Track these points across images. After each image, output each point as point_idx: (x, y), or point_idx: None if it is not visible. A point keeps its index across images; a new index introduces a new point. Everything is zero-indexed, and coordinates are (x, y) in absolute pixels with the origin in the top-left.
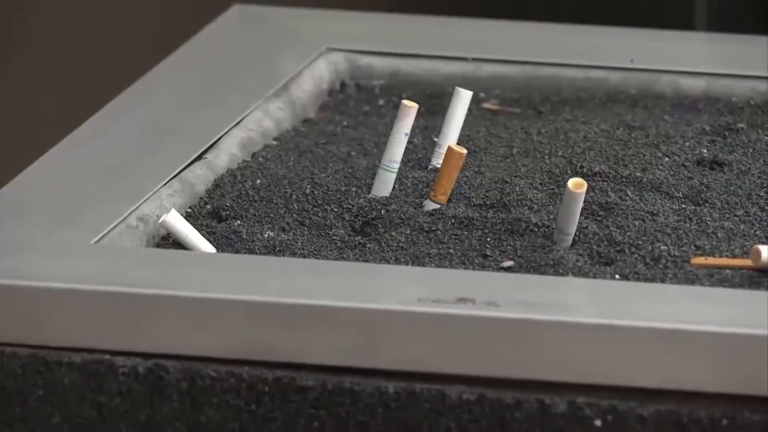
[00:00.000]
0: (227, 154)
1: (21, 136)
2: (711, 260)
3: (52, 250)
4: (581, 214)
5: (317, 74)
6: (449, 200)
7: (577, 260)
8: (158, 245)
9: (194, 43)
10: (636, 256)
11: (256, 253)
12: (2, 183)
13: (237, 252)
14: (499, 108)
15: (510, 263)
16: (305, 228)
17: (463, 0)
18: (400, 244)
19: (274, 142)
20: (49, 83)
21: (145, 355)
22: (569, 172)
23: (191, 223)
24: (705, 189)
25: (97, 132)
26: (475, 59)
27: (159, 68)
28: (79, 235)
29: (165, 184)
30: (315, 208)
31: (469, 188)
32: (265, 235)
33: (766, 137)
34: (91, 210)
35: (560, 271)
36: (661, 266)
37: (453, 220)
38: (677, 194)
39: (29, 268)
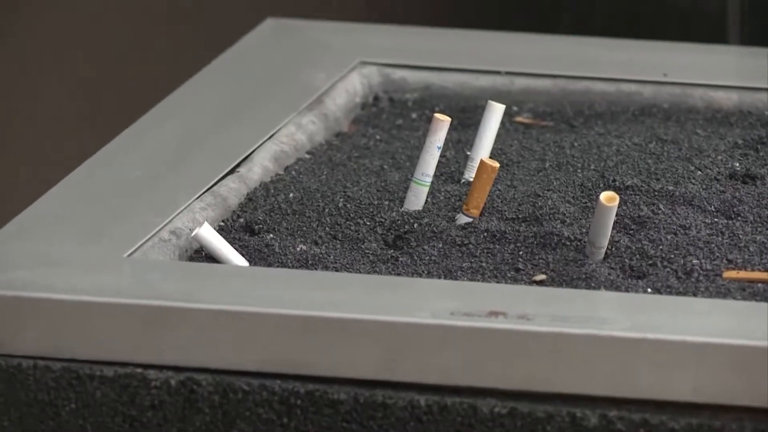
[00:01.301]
0: (260, 167)
1: (53, 150)
2: (743, 274)
3: (85, 264)
4: (613, 228)
5: (350, 88)
6: (482, 214)
7: (609, 274)
8: (191, 259)
9: (228, 56)
10: (668, 269)
11: (289, 267)
12: (34, 197)
13: (270, 265)
14: (532, 121)
15: (542, 277)
16: (338, 242)
17: (496, 14)
18: (433, 258)
19: (307, 156)
20: (82, 96)
21: (178, 369)
22: (601, 185)
23: (224, 237)
24: (737, 203)
25: (130, 145)
26: (507, 73)
27: (193, 81)
28: (112, 249)
29: (198, 197)
30: (348, 222)
31: (501, 202)
32: (298, 249)
33: None
34: (123, 223)
35: (592, 284)
36: (693, 280)
37: (485, 234)
38: (709, 208)
39: (62, 282)
